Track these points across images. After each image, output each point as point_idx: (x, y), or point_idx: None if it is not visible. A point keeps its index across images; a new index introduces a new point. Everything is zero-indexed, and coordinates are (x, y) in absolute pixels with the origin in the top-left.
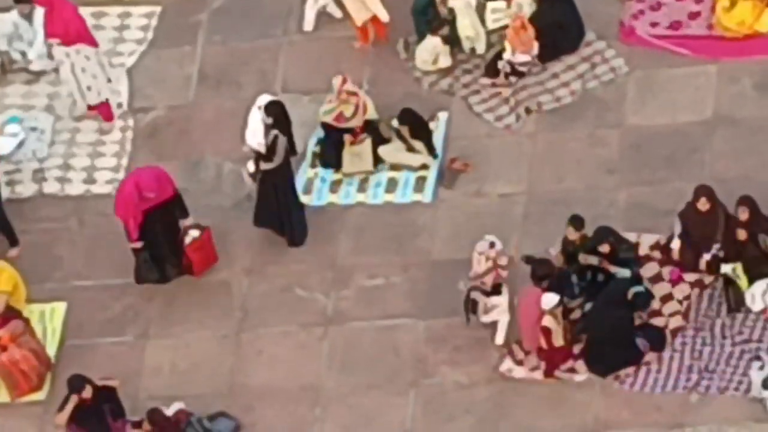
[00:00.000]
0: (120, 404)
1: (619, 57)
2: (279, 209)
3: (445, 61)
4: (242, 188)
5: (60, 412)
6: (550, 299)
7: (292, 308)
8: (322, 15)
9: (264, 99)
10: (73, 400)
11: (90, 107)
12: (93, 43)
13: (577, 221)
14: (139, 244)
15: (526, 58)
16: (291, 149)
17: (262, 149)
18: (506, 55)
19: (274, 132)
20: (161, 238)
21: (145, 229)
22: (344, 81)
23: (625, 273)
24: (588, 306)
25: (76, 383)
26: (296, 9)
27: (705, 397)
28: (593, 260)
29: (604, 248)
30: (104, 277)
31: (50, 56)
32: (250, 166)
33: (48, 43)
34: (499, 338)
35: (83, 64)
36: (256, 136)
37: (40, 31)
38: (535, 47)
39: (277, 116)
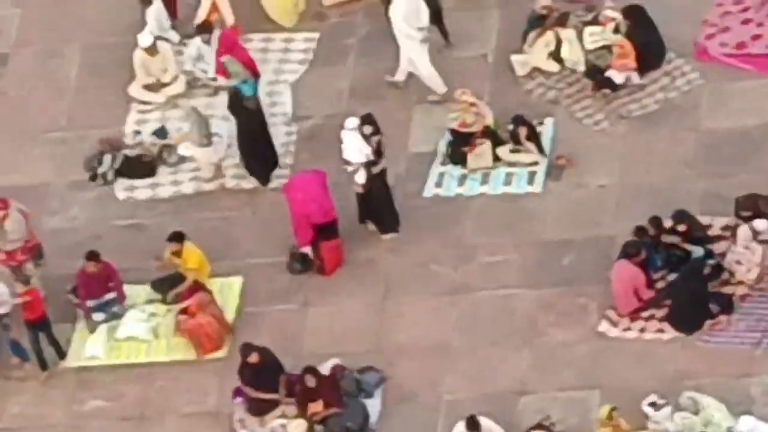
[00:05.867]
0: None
1: (695, 72)
2: (388, 199)
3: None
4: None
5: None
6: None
7: (427, 280)
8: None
9: (352, 121)
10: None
11: None
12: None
13: (655, 222)
14: (308, 250)
15: (625, 76)
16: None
17: (371, 157)
18: (608, 74)
19: (377, 137)
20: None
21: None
22: (464, 93)
23: (699, 252)
24: (670, 277)
25: (245, 350)
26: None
27: None
28: (674, 239)
29: (682, 227)
30: (273, 255)
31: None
32: (361, 177)
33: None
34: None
35: None
36: (362, 150)
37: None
38: (634, 67)
39: (374, 123)
